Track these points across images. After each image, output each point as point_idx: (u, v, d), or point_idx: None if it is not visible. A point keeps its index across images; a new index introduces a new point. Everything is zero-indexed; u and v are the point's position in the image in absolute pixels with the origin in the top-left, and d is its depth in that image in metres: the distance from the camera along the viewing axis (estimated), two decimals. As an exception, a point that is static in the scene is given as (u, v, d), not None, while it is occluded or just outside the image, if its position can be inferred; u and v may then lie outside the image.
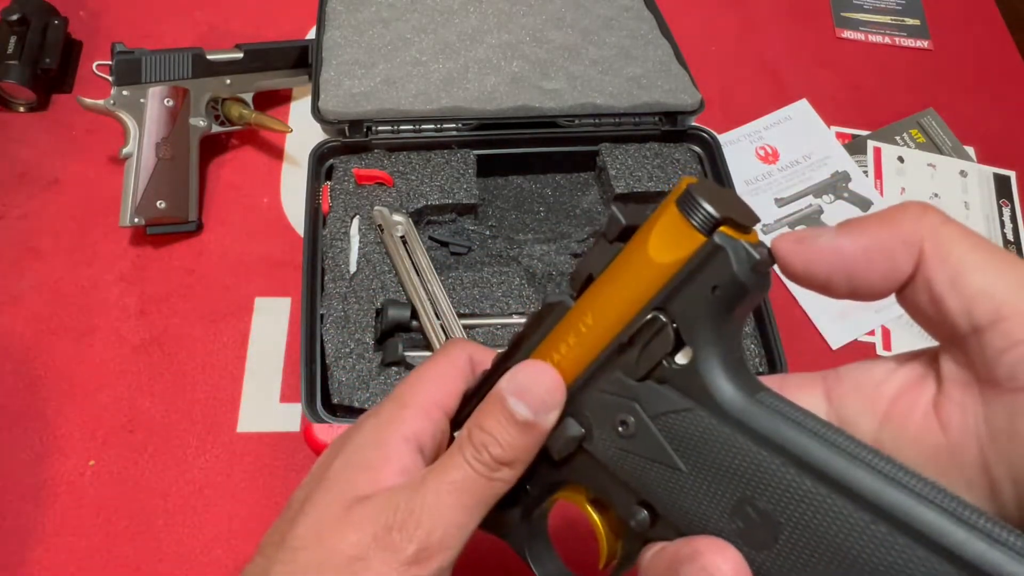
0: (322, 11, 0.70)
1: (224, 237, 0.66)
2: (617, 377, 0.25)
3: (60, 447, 0.56)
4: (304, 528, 0.27)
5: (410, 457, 0.28)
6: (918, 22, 0.89)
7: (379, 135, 0.64)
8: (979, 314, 0.19)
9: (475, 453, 0.26)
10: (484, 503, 0.27)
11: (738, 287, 0.22)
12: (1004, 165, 0.78)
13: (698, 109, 0.68)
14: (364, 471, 0.27)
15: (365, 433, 0.29)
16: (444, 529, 0.25)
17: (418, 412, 0.29)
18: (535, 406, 0.26)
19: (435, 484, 0.26)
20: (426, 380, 0.30)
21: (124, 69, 0.65)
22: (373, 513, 0.26)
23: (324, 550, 0.26)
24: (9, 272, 0.63)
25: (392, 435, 0.28)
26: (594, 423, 0.26)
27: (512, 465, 0.26)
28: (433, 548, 0.25)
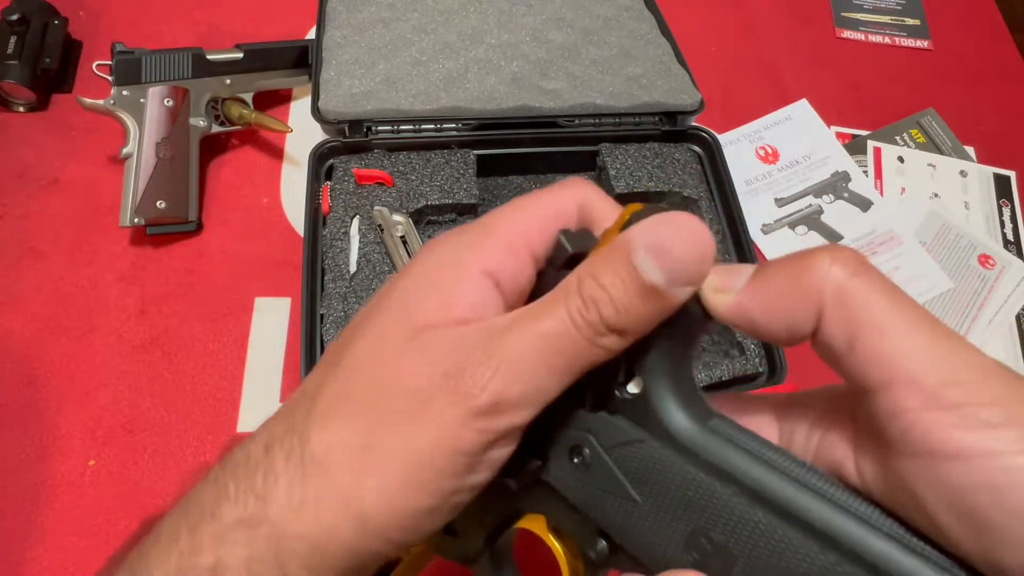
0: (322, 11, 0.70)
1: (224, 237, 0.66)
2: (571, 409, 0.24)
3: (60, 447, 0.56)
4: (362, 348, 0.24)
5: (486, 292, 0.23)
6: (918, 22, 0.89)
7: (379, 135, 0.64)
8: (870, 378, 0.19)
9: (582, 308, 0.21)
10: (575, 369, 0.22)
11: (687, 317, 0.21)
12: (1004, 165, 0.78)
13: (698, 109, 0.68)
14: (434, 293, 0.23)
15: (441, 252, 0.24)
16: (524, 386, 0.21)
17: (503, 244, 0.24)
18: (672, 272, 0.20)
19: (524, 331, 0.22)
20: (520, 211, 0.25)
21: (124, 69, 0.65)
22: (446, 347, 0.22)
23: (385, 375, 0.23)
24: (9, 272, 0.63)
25: (471, 260, 0.24)
26: (551, 454, 0.25)
27: (623, 334, 0.21)
28: (507, 404, 0.21)
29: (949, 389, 0.18)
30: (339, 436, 0.23)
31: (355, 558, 0.23)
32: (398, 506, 0.22)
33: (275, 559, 0.22)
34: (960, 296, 0.69)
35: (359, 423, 0.23)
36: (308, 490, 0.23)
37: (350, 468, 0.22)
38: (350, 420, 0.23)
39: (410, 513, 0.22)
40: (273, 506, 0.23)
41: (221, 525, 0.23)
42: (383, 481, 0.22)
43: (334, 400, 0.24)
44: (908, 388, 0.18)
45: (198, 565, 0.23)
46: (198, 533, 0.23)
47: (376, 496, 0.22)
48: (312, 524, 0.22)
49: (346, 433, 0.23)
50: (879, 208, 0.74)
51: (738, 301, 0.21)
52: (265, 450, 0.24)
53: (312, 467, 0.23)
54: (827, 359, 0.20)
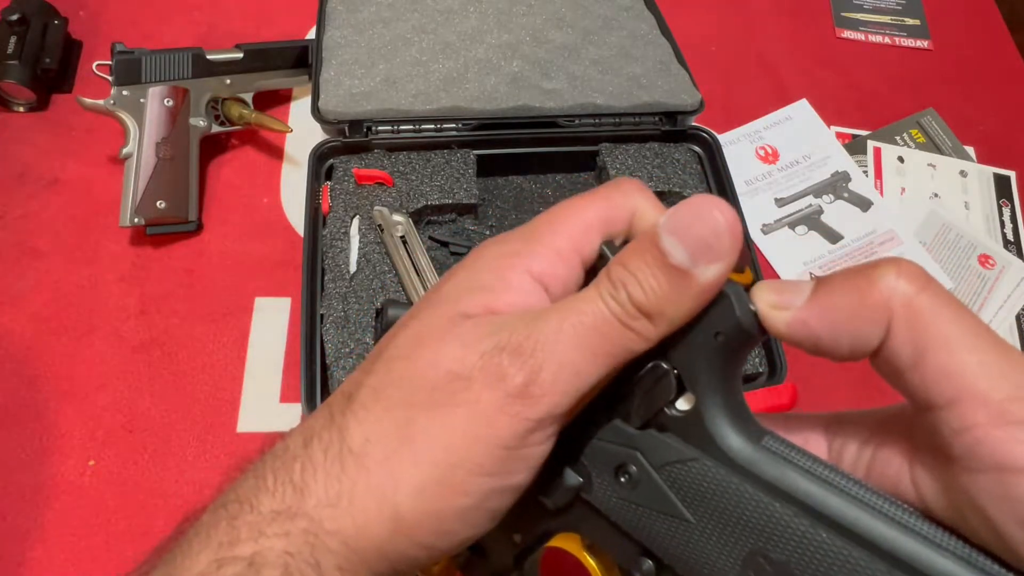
0: (322, 11, 0.70)
1: (224, 237, 0.66)
2: (616, 425, 0.24)
3: (60, 447, 0.56)
4: (404, 339, 0.24)
5: (533, 294, 0.23)
6: (918, 22, 0.89)
7: (379, 135, 0.64)
8: (935, 394, 0.19)
9: (611, 290, 0.22)
10: (612, 354, 0.22)
11: (741, 333, 0.21)
12: (1004, 165, 0.78)
13: (698, 109, 0.68)
14: (477, 292, 0.23)
15: (485, 259, 0.24)
16: (559, 368, 0.21)
17: (551, 251, 0.24)
18: (695, 250, 0.20)
19: (559, 316, 0.22)
20: (571, 216, 0.25)
21: (124, 69, 0.65)
22: (485, 330, 0.22)
23: (423, 362, 0.23)
24: (9, 272, 0.63)
25: (516, 266, 0.24)
26: (593, 472, 0.24)
27: (654, 319, 0.21)
28: (543, 386, 0.21)
29: (1017, 404, 0.18)
30: (377, 428, 0.23)
31: (387, 561, 0.23)
32: (432, 506, 0.22)
33: (311, 554, 0.22)
34: (960, 296, 0.69)
35: (397, 414, 0.23)
36: (344, 484, 0.22)
37: (386, 463, 0.22)
38: (388, 412, 0.23)
39: (445, 515, 0.22)
40: (311, 500, 0.22)
41: (259, 517, 0.23)
42: (417, 477, 0.22)
43: (373, 392, 0.23)
44: (975, 404, 0.18)
45: (237, 557, 0.22)
46: (236, 524, 0.23)
47: (411, 494, 0.22)
48: (347, 521, 0.22)
49: (384, 425, 0.23)
50: (879, 208, 0.74)
51: (800, 318, 0.21)
52: (304, 443, 0.24)
53: (350, 461, 0.23)
54: (887, 374, 0.20)
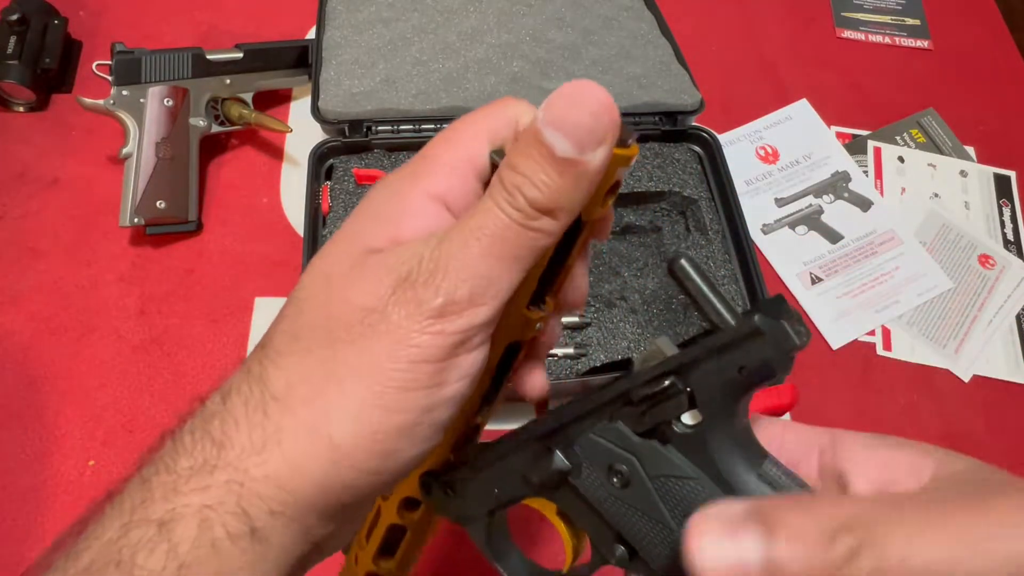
0: (322, 11, 0.70)
1: (224, 237, 0.66)
2: (617, 428, 0.24)
3: (60, 447, 0.56)
4: (310, 279, 0.24)
5: (435, 214, 0.24)
6: (918, 22, 0.89)
7: (379, 135, 0.64)
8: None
9: (508, 197, 0.22)
10: (521, 256, 0.22)
11: (768, 371, 0.21)
12: (1004, 165, 0.78)
13: (698, 109, 0.68)
14: (380, 223, 0.24)
15: (382, 188, 0.25)
16: (474, 281, 0.22)
17: (446, 168, 0.24)
18: (578, 138, 0.21)
19: (461, 233, 0.22)
20: (458, 134, 0.25)
21: (124, 69, 0.65)
22: (393, 262, 0.22)
23: (334, 301, 0.23)
24: (9, 272, 0.63)
25: (414, 189, 0.24)
26: (584, 463, 0.25)
27: (554, 214, 0.22)
28: (462, 302, 0.22)
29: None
30: (298, 370, 0.23)
31: (330, 494, 0.22)
32: (368, 428, 0.22)
33: (236, 504, 0.21)
34: (960, 296, 0.69)
35: (316, 355, 0.22)
36: (269, 429, 0.22)
37: (313, 399, 0.22)
38: (308, 352, 0.23)
39: (382, 434, 0.22)
40: (233, 451, 0.22)
41: (174, 476, 0.22)
42: (349, 404, 0.22)
43: (287, 339, 0.23)
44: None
45: (147, 519, 0.21)
46: (151, 487, 0.22)
47: (344, 421, 0.22)
48: (278, 462, 0.22)
49: (305, 366, 0.22)
50: (879, 208, 0.74)
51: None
52: (223, 399, 0.23)
53: (273, 407, 0.22)
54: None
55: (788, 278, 0.69)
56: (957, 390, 0.65)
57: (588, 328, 0.59)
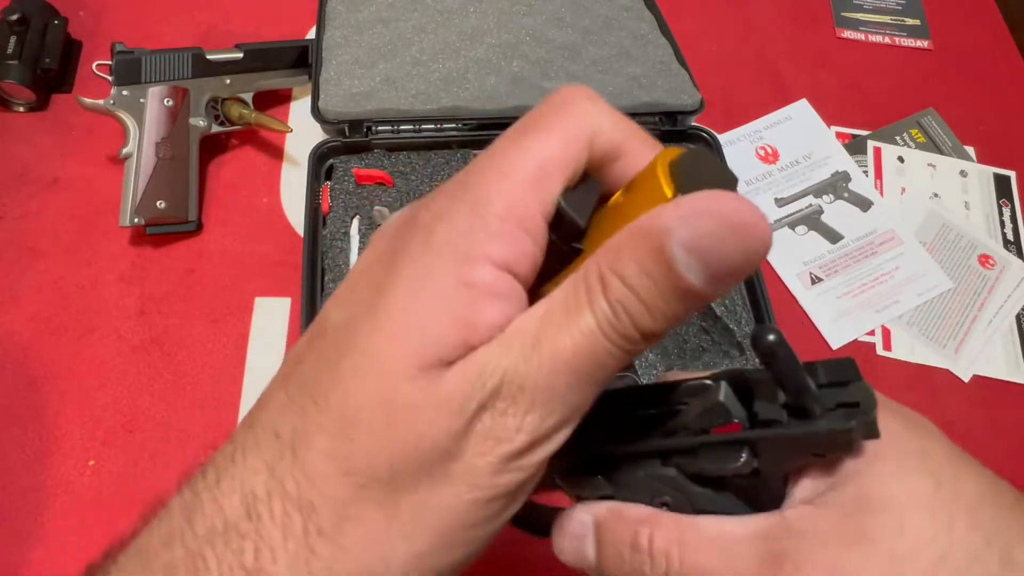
0: (322, 11, 0.70)
1: (224, 237, 0.66)
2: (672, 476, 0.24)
3: (60, 447, 0.56)
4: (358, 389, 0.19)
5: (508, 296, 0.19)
6: (918, 22, 0.89)
7: (379, 135, 0.64)
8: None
9: (611, 317, 0.18)
10: (604, 379, 0.19)
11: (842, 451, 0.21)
12: (1004, 165, 0.78)
13: (698, 109, 0.68)
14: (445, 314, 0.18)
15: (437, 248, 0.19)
16: (559, 415, 0.19)
17: (511, 222, 0.19)
18: (718, 275, 0.17)
19: (551, 355, 0.18)
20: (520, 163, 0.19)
21: (124, 69, 0.65)
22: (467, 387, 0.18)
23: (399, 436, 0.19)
24: (9, 272, 0.63)
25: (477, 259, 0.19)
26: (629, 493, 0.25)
27: (651, 338, 0.18)
28: (543, 438, 0.19)
29: None
30: (353, 509, 0.19)
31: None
32: (430, 566, 0.20)
33: None
34: (960, 296, 0.69)
35: (375, 494, 0.19)
36: (316, 567, 0.19)
37: (372, 543, 0.19)
38: (363, 490, 0.19)
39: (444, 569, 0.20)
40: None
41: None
42: (413, 551, 0.19)
43: (332, 462, 0.19)
44: None
45: None
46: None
47: (404, 564, 0.19)
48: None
49: (361, 505, 0.19)
50: (879, 208, 0.74)
51: None
52: (247, 514, 0.19)
53: (321, 544, 0.19)
54: None
55: (788, 278, 0.69)
56: (957, 390, 0.65)
57: (588, 328, 0.59)
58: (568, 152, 0.20)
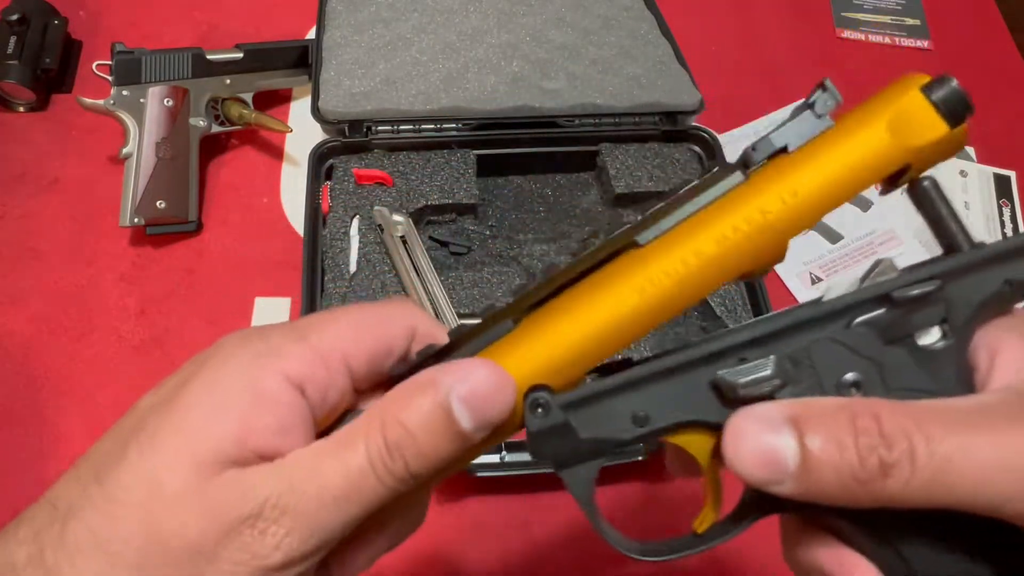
0: (322, 11, 0.70)
1: (224, 237, 0.66)
2: (860, 333, 0.21)
3: (60, 447, 0.56)
4: (133, 480, 0.20)
5: (290, 407, 0.21)
6: (918, 22, 0.89)
7: (379, 135, 0.64)
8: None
9: (386, 457, 0.20)
10: (367, 512, 0.21)
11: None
12: (1004, 165, 0.78)
13: (698, 109, 0.68)
14: (226, 417, 0.20)
15: (238, 359, 0.22)
16: (320, 539, 0.20)
17: (314, 352, 0.22)
18: (481, 419, 0.21)
19: (319, 484, 0.20)
20: (343, 321, 0.23)
21: (124, 69, 0.65)
22: (236, 498, 0.20)
23: (160, 522, 0.20)
24: (9, 272, 0.63)
25: (272, 369, 0.21)
26: (803, 377, 0.22)
27: (421, 478, 0.21)
28: (301, 558, 0.20)
29: None
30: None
31: None
32: None
33: None
34: (960, 296, 0.69)
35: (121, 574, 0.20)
36: None
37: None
38: (112, 568, 0.20)
39: None
40: None
41: None
42: None
43: (93, 539, 0.20)
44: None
45: None
46: None
47: None
48: None
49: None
50: (879, 208, 0.74)
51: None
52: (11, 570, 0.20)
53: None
54: None
55: (788, 278, 0.69)
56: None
57: (588, 328, 0.59)
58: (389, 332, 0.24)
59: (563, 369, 0.22)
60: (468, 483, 0.55)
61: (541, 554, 0.54)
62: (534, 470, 0.52)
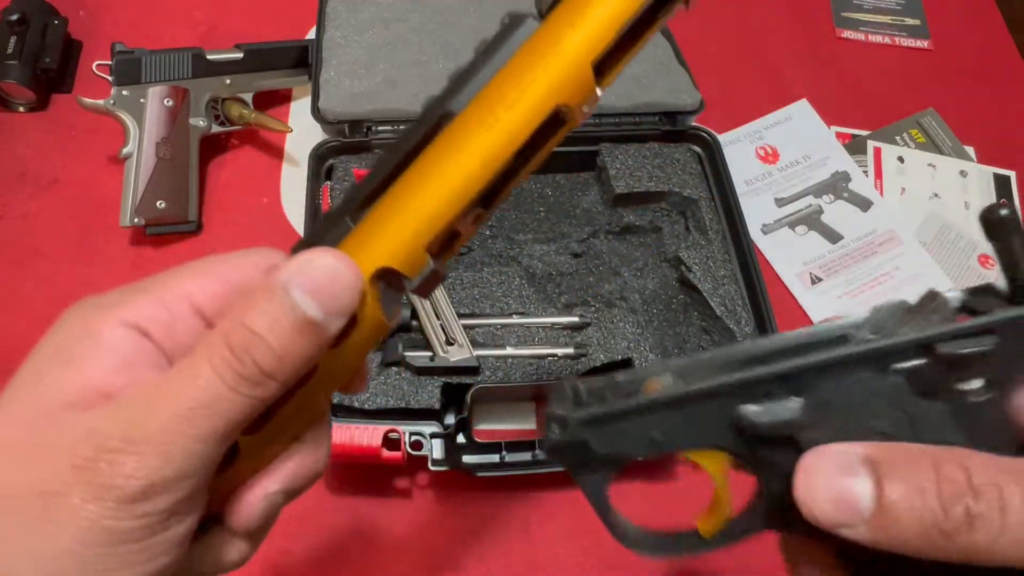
0: (322, 11, 0.70)
1: (224, 237, 0.66)
2: (895, 383, 0.21)
3: (60, 447, 0.56)
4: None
5: (131, 346, 0.21)
6: (918, 22, 0.89)
7: (379, 135, 0.64)
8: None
9: (233, 361, 0.20)
10: (232, 429, 0.21)
11: None
12: (1004, 165, 0.78)
13: (698, 109, 0.68)
14: (68, 365, 0.21)
15: (77, 315, 0.22)
16: (179, 462, 0.20)
17: (153, 297, 0.22)
18: (329, 306, 0.20)
19: (166, 406, 0.20)
20: (185, 269, 0.24)
21: (124, 69, 0.65)
22: (77, 437, 0.20)
23: (4, 474, 0.20)
24: (10, 272, 0.63)
25: (109, 318, 0.21)
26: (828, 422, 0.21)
27: (280, 379, 0.20)
28: (164, 484, 0.20)
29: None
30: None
31: None
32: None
33: None
34: (960, 296, 0.69)
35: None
36: None
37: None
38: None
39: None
40: None
41: None
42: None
43: None
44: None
45: None
46: None
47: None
48: None
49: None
50: (879, 208, 0.74)
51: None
52: None
53: None
54: None
55: (788, 278, 0.69)
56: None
57: (588, 328, 0.59)
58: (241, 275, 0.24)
59: (403, 248, 0.22)
60: (468, 483, 0.55)
61: (541, 554, 0.54)
62: (534, 470, 0.52)
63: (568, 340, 0.58)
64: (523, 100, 0.21)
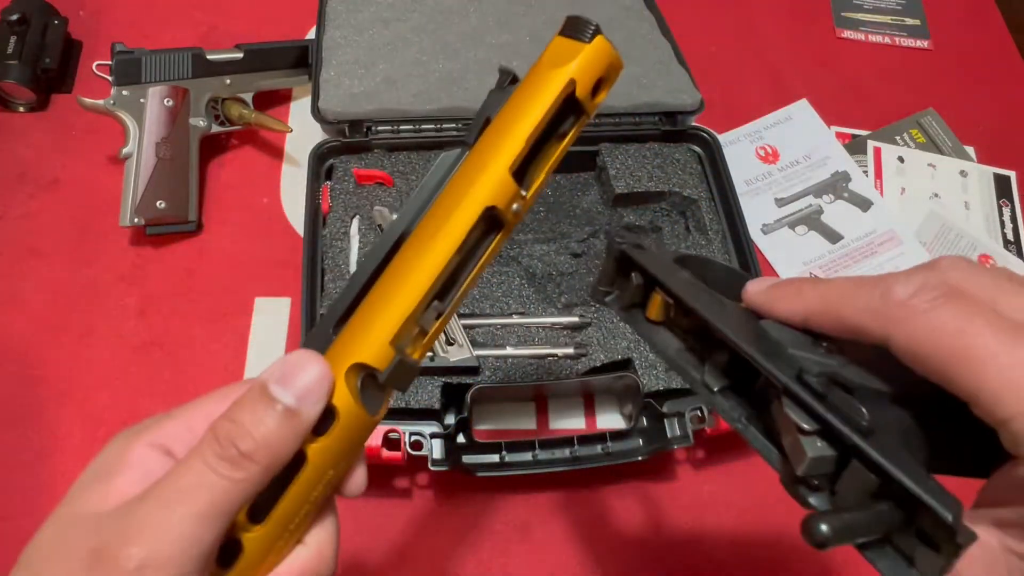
0: (322, 11, 0.70)
1: (224, 237, 0.66)
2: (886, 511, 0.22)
3: (60, 447, 0.56)
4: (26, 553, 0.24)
5: (154, 463, 0.25)
6: (918, 22, 0.89)
7: (379, 135, 0.64)
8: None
9: (218, 450, 0.23)
10: (224, 512, 0.23)
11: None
12: (1004, 165, 0.78)
13: (698, 109, 0.68)
14: (97, 484, 0.24)
15: (113, 443, 0.26)
16: (174, 544, 0.22)
17: (177, 422, 0.26)
18: (300, 393, 0.24)
19: (160, 493, 0.23)
20: (210, 395, 0.27)
21: (124, 69, 0.65)
22: (81, 535, 0.23)
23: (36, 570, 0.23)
24: (9, 272, 0.63)
25: (136, 442, 0.25)
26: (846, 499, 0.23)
27: (261, 463, 0.23)
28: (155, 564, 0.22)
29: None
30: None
31: None
32: None
33: None
34: (960, 296, 0.69)
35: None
36: None
37: None
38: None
39: None
40: None
41: None
42: None
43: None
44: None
45: None
46: None
47: None
48: None
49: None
50: (879, 208, 0.74)
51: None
52: None
53: None
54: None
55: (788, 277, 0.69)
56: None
57: (588, 328, 0.59)
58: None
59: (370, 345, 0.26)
60: (468, 483, 0.55)
61: (541, 554, 0.54)
62: (534, 470, 0.52)
63: (568, 340, 0.58)
64: (457, 207, 0.26)
